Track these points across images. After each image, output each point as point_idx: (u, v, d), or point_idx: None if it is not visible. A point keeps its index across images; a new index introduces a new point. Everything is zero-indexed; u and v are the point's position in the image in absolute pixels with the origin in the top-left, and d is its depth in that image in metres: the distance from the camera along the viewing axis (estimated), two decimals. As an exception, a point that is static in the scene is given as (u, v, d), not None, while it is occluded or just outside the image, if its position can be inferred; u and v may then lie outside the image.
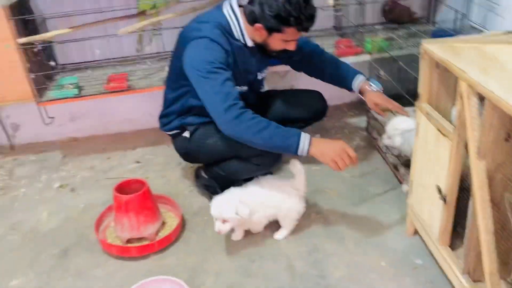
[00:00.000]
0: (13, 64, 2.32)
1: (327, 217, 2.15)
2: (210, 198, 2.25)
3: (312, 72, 2.34)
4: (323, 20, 2.71)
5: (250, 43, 2.01)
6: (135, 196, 1.98)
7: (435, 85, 1.64)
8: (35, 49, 2.38)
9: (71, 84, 2.45)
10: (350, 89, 2.24)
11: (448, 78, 1.60)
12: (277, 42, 1.96)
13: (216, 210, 1.86)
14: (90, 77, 2.59)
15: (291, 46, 1.99)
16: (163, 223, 2.13)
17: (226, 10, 1.97)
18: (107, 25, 2.51)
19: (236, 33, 1.98)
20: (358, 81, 2.20)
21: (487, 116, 1.29)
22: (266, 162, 2.07)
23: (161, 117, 2.25)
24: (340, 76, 2.25)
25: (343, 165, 1.79)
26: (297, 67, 2.38)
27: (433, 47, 1.53)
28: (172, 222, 2.15)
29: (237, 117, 1.81)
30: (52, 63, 2.52)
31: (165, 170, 2.61)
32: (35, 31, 2.45)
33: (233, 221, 1.86)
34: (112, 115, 2.99)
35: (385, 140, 2.12)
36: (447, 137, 1.51)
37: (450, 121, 1.55)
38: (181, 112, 2.15)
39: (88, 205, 2.36)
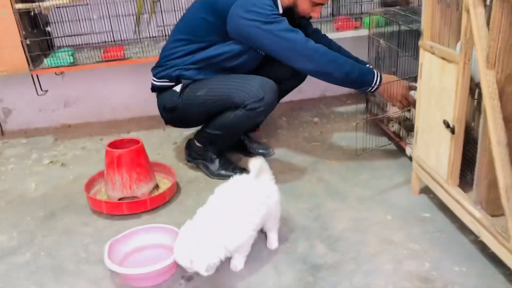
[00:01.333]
0: (8, 31, 2.30)
1: (329, 181, 2.06)
2: (205, 168, 2.19)
3: None
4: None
5: (281, 10, 2.03)
6: (128, 150, 1.89)
7: (438, 22, 1.61)
8: (31, 13, 2.35)
9: (66, 54, 2.42)
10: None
11: (450, 14, 1.58)
12: (305, 5, 2.02)
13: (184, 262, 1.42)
14: (86, 51, 2.57)
15: (316, 13, 2.06)
16: (157, 187, 2.03)
17: None
18: (106, 4, 2.52)
19: None
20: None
21: (495, 17, 1.25)
22: (262, 106, 1.93)
23: (159, 66, 2.14)
24: None
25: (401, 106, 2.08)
26: None
27: (435, -26, 1.51)
28: (166, 187, 2.05)
29: (319, 49, 1.92)
30: (48, 29, 2.48)
31: (160, 149, 2.53)
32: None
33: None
34: (107, 101, 2.93)
35: None
36: (453, 62, 1.46)
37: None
38: (189, 63, 2.05)
39: (78, 176, 2.27)
